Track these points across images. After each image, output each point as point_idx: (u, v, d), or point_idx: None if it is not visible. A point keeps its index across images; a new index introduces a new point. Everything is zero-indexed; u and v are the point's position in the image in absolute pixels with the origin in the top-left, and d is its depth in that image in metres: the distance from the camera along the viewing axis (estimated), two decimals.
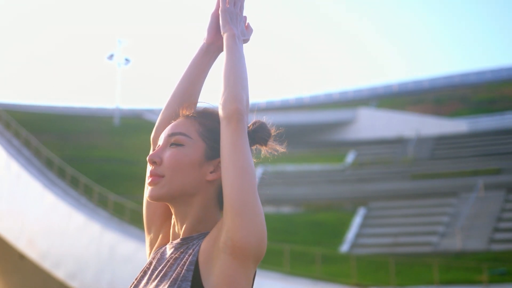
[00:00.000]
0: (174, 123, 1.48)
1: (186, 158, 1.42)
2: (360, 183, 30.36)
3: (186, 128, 1.46)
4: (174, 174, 1.41)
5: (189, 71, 1.65)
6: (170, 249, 1.43)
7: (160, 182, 1.41)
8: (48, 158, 28.85)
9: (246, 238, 1.29)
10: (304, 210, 28.57)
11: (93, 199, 25.16)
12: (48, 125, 38.21)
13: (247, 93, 1.43)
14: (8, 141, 30.00)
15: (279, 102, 54.11)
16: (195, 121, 1.47)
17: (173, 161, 1.41)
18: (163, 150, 1.44)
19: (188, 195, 1.42)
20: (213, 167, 1.44)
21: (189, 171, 1.42)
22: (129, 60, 41.93)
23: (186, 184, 1.41)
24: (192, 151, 1.43)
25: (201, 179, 1.43)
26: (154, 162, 1.43)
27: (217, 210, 1.46)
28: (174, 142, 1.44)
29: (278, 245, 20.16)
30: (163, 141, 1.46)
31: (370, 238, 24.69)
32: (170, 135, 1.45)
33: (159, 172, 1.42)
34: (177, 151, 1.42)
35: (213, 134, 1.45)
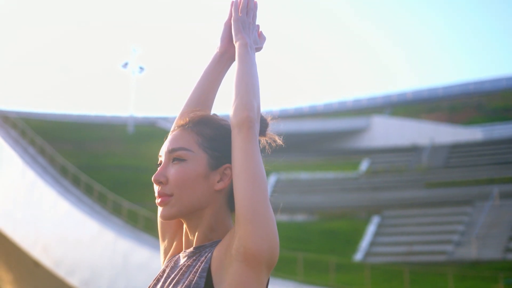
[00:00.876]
0: (172, 137, 1.46)
1: (191, 173, 1.41)
2: (374, 191, 30.23)
3: (186, 142, 1.44)
4: (182, 192, 1.40)
5: (203, 79, 1.66)
6: (183, 257, 1.43)
7: (170, 201, 1.41)
8: (63, 166, 29.02)
9: (258, 245, 1.29)
10: (318, 218, 28.48)
11: (107, 207, 25.26)
12: (63, 133, 38.46)
13: (258, 101, 1.43)
14: (23, 149, 30.23)
15: (293, 110, 54.10)
16: (193, 132, 1.46)
17: (179, 179, 1.40)
18: (166, 167, 1.43)
19: (199, 209, 1.42)
20: (219, 175, 1.44)
21: (197, 186, 1.41)
22: (143, 68, 42.16)
23: (195, 199, 1.41)
24: (195, 164, 1.42)
25: (210, 190, 1.43)
26: (160, 182, 1.42)
27: (228, 216, 1.46)
28: (176, 158, 1.43)
29: (291, 253, 20.11)
30: (165, 157, 1.44)
31: (384, 247, 24.55)
32: (171, 151, 1.43)
33: (167, 191, 1.41)
34: (181, 168, 1.41)
35: (213, 143, 1.45)
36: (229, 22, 1.62)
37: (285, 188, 30.96)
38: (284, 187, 31.24)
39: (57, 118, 44.07)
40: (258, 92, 1.44)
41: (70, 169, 28.43)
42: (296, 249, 21.47)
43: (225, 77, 1.71)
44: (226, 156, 1.44)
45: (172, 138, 1.46)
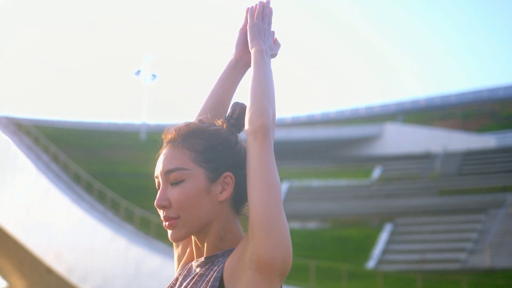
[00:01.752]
0: (165, 157, 1.42)
1: (193, 192, 1.39)
2: (387, 199, 30.11)
3: (179, 161, 1.40)
4: (188, 212, 1.38)
5: (218, 86, 1.66)
6: (196, 266, 1.43)
7: (177, 224, 1.39)
8: (76, 173, 29.15)
9: (272, 254, 1.28)
10: (330, 226, 28.40)
11: (119, 214, 25.33)
12: (76, 140, 38.65)
13: (273, 108, 1.41)
14: (37, 156, 30.41)
15: (305, 117, 54.07)
16: (184, 148, 1.42)
17: (182, 200, 1.38)
18: (166, 191, 1.40)
19: (207, 224, 1.41)
20: (220, 186, 1.41)
21: (201, 203, 1.39)
22: (155, 76, 42.33)
23: (202, 216, 1.39)
24: (194, 182, 1.39)
25: (214, 204, 1.41)
26: (163, 206, 1.40)
27: (235, 222, 1.45)
28: (174, 181, 1.40)
29: (304, 261, 20.06)
30: (162, 180, 1.42)
31: (397, 255, 24.43)
32: (167, 172, 1.40)
33: (172, 214, 1.39)
34: (181, 189, 1.38)
35: (207, 155, 1.42)
36: (244, 28, 1.62)
37: (298, 195, 30.91)
38: (297, 194, 31.19)
39: (70, 125, 44.31)
40: (274, 99, 1.43)
41: (83, 176, 28.55)
42: (308, 256, 21.40)
43: (240, 83, 1.71)
44: (223, 165, 1.42)
45: (165, 158, 1.42)
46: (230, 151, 1.44)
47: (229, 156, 1.43)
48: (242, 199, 1.46)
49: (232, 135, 1.47)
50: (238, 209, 1.46)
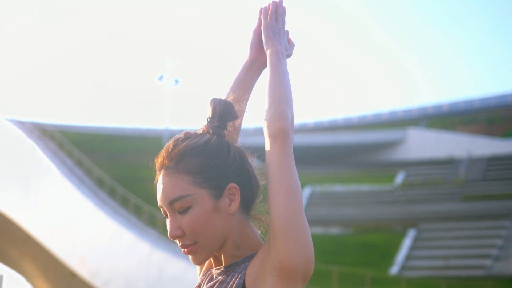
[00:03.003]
0: (164, 188, 1.38)
1: (202, 216, 1.36)
2: (410, 204, 29.87)
3: (179, 189, 1.36)
4: (203, 236, 1.36)
5: (233, 88, 1.64)
6: (217, 274, 1.42)
7: (196, 249, 1.38)
8: (99, 178, 29.38)
9: (294, 259, 1.27)
10: (352, 231, 28.25)
11: (142, 218, 25.47)
12: (100, 145, 38.97)
13: (292, 110, 1.39)
14: (61, 160, 30.71)
15: (327, 122, 53.90)
16: (179, 173, 1.37)
17: (194, 227, 1.35)
18: (175, 220, 1.37)
19: (225, 240, 1.40)
20: (227, 199, 1.38)
21: (213, 222, 1.36)
22: (178, 81, 42.53)
23: (218, 234, 1.37)
24: (201, 205, 1.36)
25: (226, 218, 1.38)
26: (177, 236, 1.37)
27: (249, 228, 1.43)
28: (180, 209, 1.36)
29: (326, 266, 19.97)
30: (168, 210, 1.38)
31: (421, 261, 24.22)
32: (170, 203, 1.36)
33: (189, 242, 1.37)
34: (189, 216, 1.35)
35: (205, 173, 1.37)
36: (258, 29, 1.59)
37: (320, 201, 30.81)
38: (319, 199, 31.08)
39: (94, 130, 44.69)
40: (291, 101, 1.41)
41: (106, 181, 28.76)
42: (330, 262, 21.31)
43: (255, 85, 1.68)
44: (223, 178, 1.38)
45: (164, 188, 1.38)
46: (226, 161, 1.40)
47: (226, 166, 1.39)
48: (250, 201, 1.44)
49: (221, 140, 1.42)
50: (248, 211, 1.45)
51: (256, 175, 1.46)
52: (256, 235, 1.44)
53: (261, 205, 1.48)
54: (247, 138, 6.36)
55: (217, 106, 1.45)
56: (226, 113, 1.45)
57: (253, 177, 1.45)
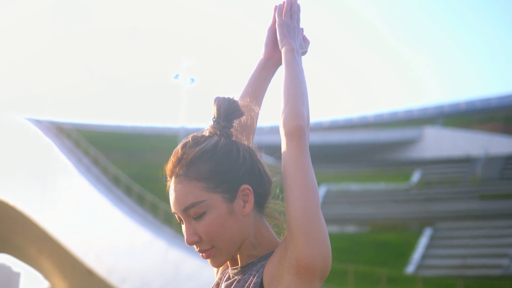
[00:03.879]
0: (176, 195, 1.37)
1: (218, 220, 1.35)
2: (426, 203, 29.72)
3: (192, 196, 1.36)
4: (220, 240, 1.36)
5: (248, 87, 1.63)
6: (234, 273, 1.42)
7: (215, 253, 1.38)
8: (115, 176, 29.53)
9: (311, 257, 1.27)
10: (368, 230, 28.17)
11: (158, 217, 25.56)
12: (116, 143, 39.17)
13: (307, 108, 1.38)
14: (78, 159, 30.92)
15: (343, 121, 53.73)
16: (190, 179, 1.36)
17: (210, 232, 1.35)
18: (191, 226, 1.37)
19: (241, 241, 1.39)
20: (241, 201, 1.38)
21: (229, 226, 1.36)
22: (194, 80, 42.61)
23: (235, 237, 1.37)
24: (215, 210, 1.36)
25: (241, 220, 1.37)
26: (195, 242, 1.38)
27: (264, 226, 1.43)
28: (194, 215, 1.36)
29: (342, 265, 19.93)
30: (182, 216, 1.38)
31: (437, 260, 24.09)
32: (184, 210, 1.36)
33: (206, 247, 1.37)
34: (205, 222, 1.35)
35: (216, 178, 1.37)
36: (272, 27, 1.59)
37: (336, 199, 30.74)
38: (335, 198, 31.02)
39: (110, 129, 44.94)
40: (307, 99, 1.40)
41: (122, 179, 28.90)
42: (346, 260, 21.26)
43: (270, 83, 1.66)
44: (235, 180, 1.38)
45: (176, 196, 1.37)
46: (236, 162, 1.39)
47: (237, 168, 1.39)
48: (263, 199, 1.44)
49: (230, 142, 1.42)
50: (262, 209, 1.44)
51: (267, 171, 1.46)
52: (272, 233, 1.44)
53: (274, 202, 1.48)
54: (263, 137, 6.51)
55: (221, 105, 1.44)
56: (231, 111, 1.44)
57: (265, 175, 1.44)
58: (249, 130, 1.58)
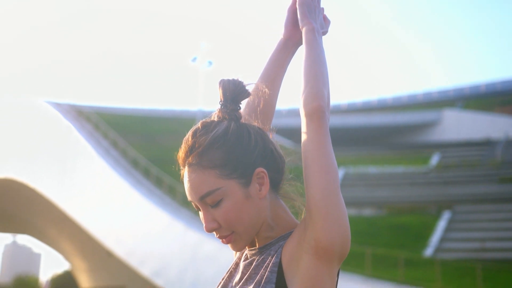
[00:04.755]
0: (192, 184, 1.37)
1: (235, 207, 1.35)
2: (445, 186, 29.57)
3: (207, 184, 1.35)
4: (239, 225, 1.36)
5: (267, 68, 1.62)
6: (252, 254, 1.42)
7: (235, 238, 1.38)
8: (134, 159, 29.70)
9: (331, 239, 1.26)
10: (386, 213, 28.10)
11: (176, 199, 25.70)
12: (135, 126, 39.35)
13: (328, 89, 1.37)
14: (97, 141, 31.12)
15: (361, 104, 53.45)
16: (204, 168, 1.35)
17: (228, 219, 1.35)
18: (208, 214, 1.37)
19: (261, 224, 1.39)
20: (256, 184, 1.37)
21: (247, 210, 1.36)
22: (211, 63, 42.56)
23: (254, 220, 1.37)
24: (232, 196, 1.35)
25: (258, 203, 1.37)
26: (214, 229, 1.38)
27: (281, 207, 1.43)
28: (212, 203, 1.36)
29: (359, 247, 19.93)
30: (199, 204, 1.38)
31: (456, 243, 24.00)
32: (201, 198, 1.36)
33: (225, 233, 1.38)
34: (222, 209, 1.35)
35: (230, 164, 1.36)
36: (293, 7, 1.57)
37: (353, 182, 30.68)
38: (352, 181, 30.96)
39: (129, 112, 45.14)
40: (328, 80, 1.38)
41: (141, 162, 29.06)
42: (364, 243, 21.26)
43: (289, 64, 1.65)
44: (249, 164, 1.37)
45: (191, 185, 1.37)
46: (248, 146, 1.38)
47: (250, 152, 1.38)
48: (277, 179, 1.43)
49: (240, 125, 1.40)
50: (277, 190, 1.44)
51: (279, 151, 1.45)
52: (288, 214, 1.44)
53: (289, 183, 1.47)
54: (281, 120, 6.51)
55: (227, 88, 1.42)
56: (237, 93, 1.42)
57: (277, 155, 1.43)
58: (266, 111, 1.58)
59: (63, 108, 34.99)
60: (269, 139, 1.44)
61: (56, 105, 34.99)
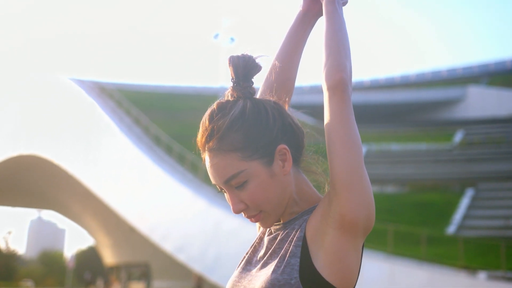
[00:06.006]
0: (215, 169, 1.36)
1: (260, 187, 1.34)
2: (469, 163, 29.34)
3: (231, 167, 1.33)
4: (267, 204, 1.35)
5: (286, 42, 1.58)
6: (276, 228, 1.42)
7: (263, 216, 1.37)
8: (156, 135, 29.85)
9: (355, 212, 1.26)
10: (409, 190, 28.00)
11: (199, 175, 25.82)
12: (157, 103, 39.51)
13: (350, 61, 1.33)
14: (120, 118, 31.31)
15: (384, 80, 53.01)
16: (226, 152, 1.33)
17: (255, 199, 1.34)
18: (235, 196, 1.36)
19: (287, 200, 1.38)
20: (280, 161, 1.35)
21: (272, 189, 1.34)
22: (233, 39, 42.45)
23: (280, 198, 1.36)
24: (256, 177, 1.34)
25: (283, 180, 1.36)
26: (241, 210, 1.37)
27: (304, 180, 1.41)
28: (236, 185, 1.35)
29: (382, 224, 19.90)
30: (225, 188, 1.37)
31: (479, 220, 23.86)
32: (225, 182, 1.35)
33: (253, 212, 1.37)
34: (248, 190, 1.34)
35: (251, 146, 1.34)
36: None
37: (376, 159, 30.56)
38: (375, 158, 30.84)
39: (151, 89, 45.31)
40: (350, 52, 1.35)
41: (163, 139, 29.20)
42: (386, 220, 21.22)
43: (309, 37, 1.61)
44: (270, 143, 1.35)
45: (214, 170, 1.36)
46: (267, 124, 1.36)
47: (270, 130, 1.36)
48: (298, 153, 1.41)
49: (256, 103, 1.37)
50: (298, 163, 1.42)
51: (297, 123, 1.42)
52: (312, 188, 1.43)
53: (311, 157, 1.45)
54: (303, 97, 6.48)
55: (238, 65, 1.39)
56: (248, 69, 1.40)
57: (296, 128, 1.41)
58: (286, 86, 1.55)
59: (87, 85, 35.22)
60: (287, 112, 1.41)
61: (80, 82, 35.23)
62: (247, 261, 1.43)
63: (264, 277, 1.31)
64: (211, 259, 22.44)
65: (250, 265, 1.42)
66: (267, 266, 1.35)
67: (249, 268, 1.41)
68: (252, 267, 1.40)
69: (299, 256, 1.30)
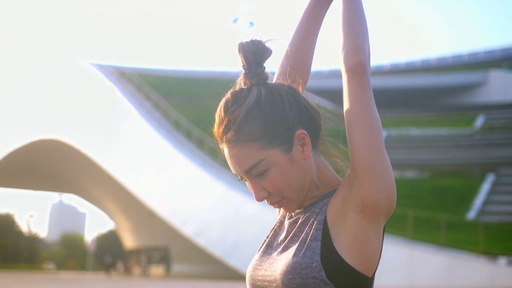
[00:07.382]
0: (234, 160, 1.34)
1: (281, 174, 1.33)
2: (490, 148, 29.07)
3: (251, 158, 1.33)
4: (289, 190, 1.35)
5: (301, 25, 1.56)
6: (297, 212, 1.41)
7: (286, 202, 1.37)
8: (176, 120, 29.94)
9: (377, 195, 1.25)
10: (428, 175, 27.85)
11: (218, 160, 25.91)
12: (176, 88, 39.58)
13: (368, 43, 1.32)
14: (139, 103, 31.44)
15: (404, 64, 52.56)
16: (244, 142, 1.32)
17: (276, 186, 1.34)
18: (256, 184, 1.36)
19: (309, 183, 1.37)
20: (298, 146, 1.34)
21: (293, 175, 1.34)
22: (253, 24, 42.34)
23: (301, 182, 1.35)
24: (277, 164, 1.33)
25: (303, 165, 1.35)
26: (264, 197, 1.37)
27: (323, 163, 1.40)
28: (257, 174, 1.34)
29: (401, 210, 19.85)
30: (246, 178, 1.36)
31: (500, 206, 23.69)
32: (246, 172, 1.34)
33: (276, 199, 1.37)
34: (269, 178, 1.33)
35: (269, 134, 1.33)
36: None
37: (396, 144, 30.41)
38: (395, 143, 30.68)
39: (170, 74, 45.38)
40: (367, 33, 1.33)
41: (183, 124, 29.28)
42: (406, 205, 21.16)
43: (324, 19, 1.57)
44: (288, 130, 1.34)
45: (234, 161, 1.35)
46: (283, 110, 1.34)
47: (286, 116, 1.34)
48: (316, 136, 1.40)
49: (270, 89, 1.36)
50: (316, 146, 1.41)
51: (313, 105, 1.41)
52: (331, 170, 1.42)
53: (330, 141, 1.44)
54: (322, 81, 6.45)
55: (248, 51, 1.37)
56: (260, 54, 1.37)
57: (313, 111, 1.39)
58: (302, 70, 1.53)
59: (106, 70, 35.37)
60: (301, 95, 1.40)
61: (100, 67, 35.38)
62: (267, 244, 1.43)
63: (285, 261, 1.31)
64: (230, 243, 22.55)
65: (271, 248, 1.41)
66: (288, 249, 1.35)
67: (270, 251, 1.41)
68: (273, 250, 1.40)
69: (320, 240, 1.30)
